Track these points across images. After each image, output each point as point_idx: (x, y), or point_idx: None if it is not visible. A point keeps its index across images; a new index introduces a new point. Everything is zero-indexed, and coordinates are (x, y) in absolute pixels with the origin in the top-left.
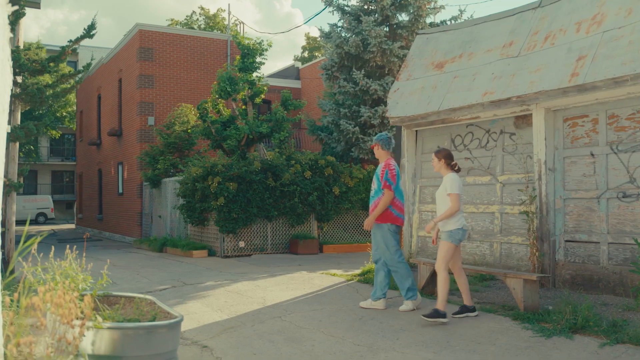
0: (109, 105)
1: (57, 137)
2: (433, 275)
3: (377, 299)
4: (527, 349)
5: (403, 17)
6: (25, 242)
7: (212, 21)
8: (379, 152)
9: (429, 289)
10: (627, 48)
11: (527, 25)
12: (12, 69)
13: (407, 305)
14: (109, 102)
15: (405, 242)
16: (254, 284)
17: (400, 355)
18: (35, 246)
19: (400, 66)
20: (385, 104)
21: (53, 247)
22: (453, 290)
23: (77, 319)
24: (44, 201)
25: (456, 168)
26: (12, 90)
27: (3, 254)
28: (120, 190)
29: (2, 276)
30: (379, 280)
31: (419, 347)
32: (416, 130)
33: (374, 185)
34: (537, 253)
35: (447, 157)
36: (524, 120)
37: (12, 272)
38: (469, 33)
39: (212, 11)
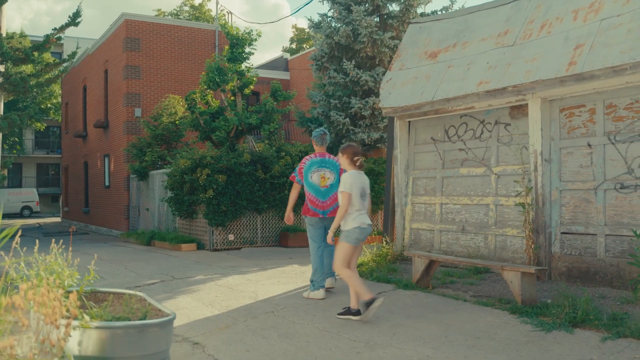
0: (94, 97)
1: (42, 130)
2: (428, 267)
3: (316, 286)
4: (527, 344)
5: (394, 7)
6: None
7: (198, 11)
8: (315, 147)
9: (423, 282)
10: (626, 36)
11: (523, 14)
12: None
13: (306, 293)
14: (95, 93)
15: (398, 235)
16: (245, 278)
17: (399, 352)
18: (17, 239)
19: (391, 57)
20: (376, 95)
21: (37, 241)
22: (447, 283)
23: (62, 317)
24: (29, 194)
25: (358, 164)
26: None
27: None
28: (107, 183)
29: None
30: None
31: (417, 343)
32: (409, 121)
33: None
34: (532, 245)
35: (350, 154)
36: (519, 110)
37: None
38: (463, 22)
39: (198, 1)
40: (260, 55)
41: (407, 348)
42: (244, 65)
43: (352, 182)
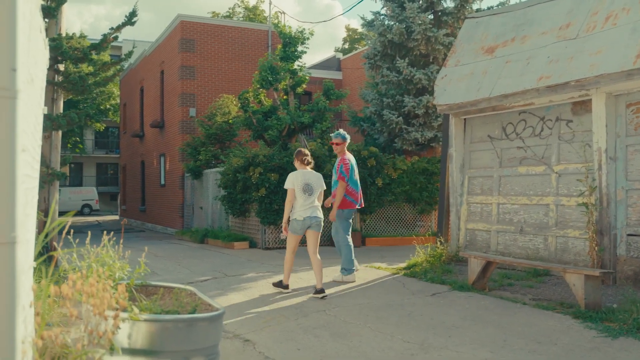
0: (151, 97)
1: (101, 130)
2: (485, 269)
3: (348, 271)
4: (592, 350)
5: (448, 3)
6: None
7: (252, 13)
8: (342, 148)
9: (480, 283)
10: None
11: (586, 6)
12: (46, 42)
13: (338, 276)
14: (152, 94)
15: (453, 235)
16: (296, 276)
17: (455, 355)
18: (67, 228)
19: (445, 54)
20: (429, 93)
21: (90, 232)
22: (504, 285)
23: (111, 309)
24: (89, 193)
25: (305, 162)
26: (54, 78)
27: (47, 243)
28: (163, 182)
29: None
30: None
31: (474, 346)
32: (465, 119)
33: (333, 177)
34: (596, 247)
35: (300, 157)
36: (582, 106)
37: (40, 254)
38: (522, 15)
39: (252, 3)
40: (312, 56)
41: (464, 351)
42: (296, 64)
43: (294, 179)
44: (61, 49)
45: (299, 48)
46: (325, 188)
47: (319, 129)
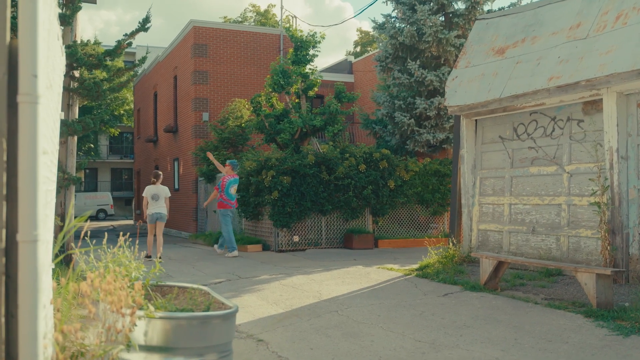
0: (164, 102)
1: (115, 135)
2: (496, 269)
3: (232, 249)
4: (603, 348)
5: (459, 5)
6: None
7: (264, 17)
8: (231, 171)
9: (492, 284)
10: None
11: (596, 5)
12: (63, 49)
13: (227, 254)
14: (165, 99)
15: (465, 236)
16: (309, 278)
17: (466, 353)
18: (86, 228)
19: (456, 56)
20: (441, 95)
21: (106, 234)
22: (516, 285)
23: (128, 307)
24: (104, 198)
25: (152, 182)
26: (70, 84)
27: (62, 246)
28: (176, 186)
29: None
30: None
31: (485, 345)
32: (476, 120)
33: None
34: (608, 247)
35: (152, 178)
36: (593, 105)
37: (56, 256)
38: (532, 16)
39: (263, 7)
40: (324, 59)
41: (475, 350)
42: (308, 68)
43: (147, 191)
44: (76, 56)
45: (311, 52)
46: (169, 195)
47: (330, 132)
